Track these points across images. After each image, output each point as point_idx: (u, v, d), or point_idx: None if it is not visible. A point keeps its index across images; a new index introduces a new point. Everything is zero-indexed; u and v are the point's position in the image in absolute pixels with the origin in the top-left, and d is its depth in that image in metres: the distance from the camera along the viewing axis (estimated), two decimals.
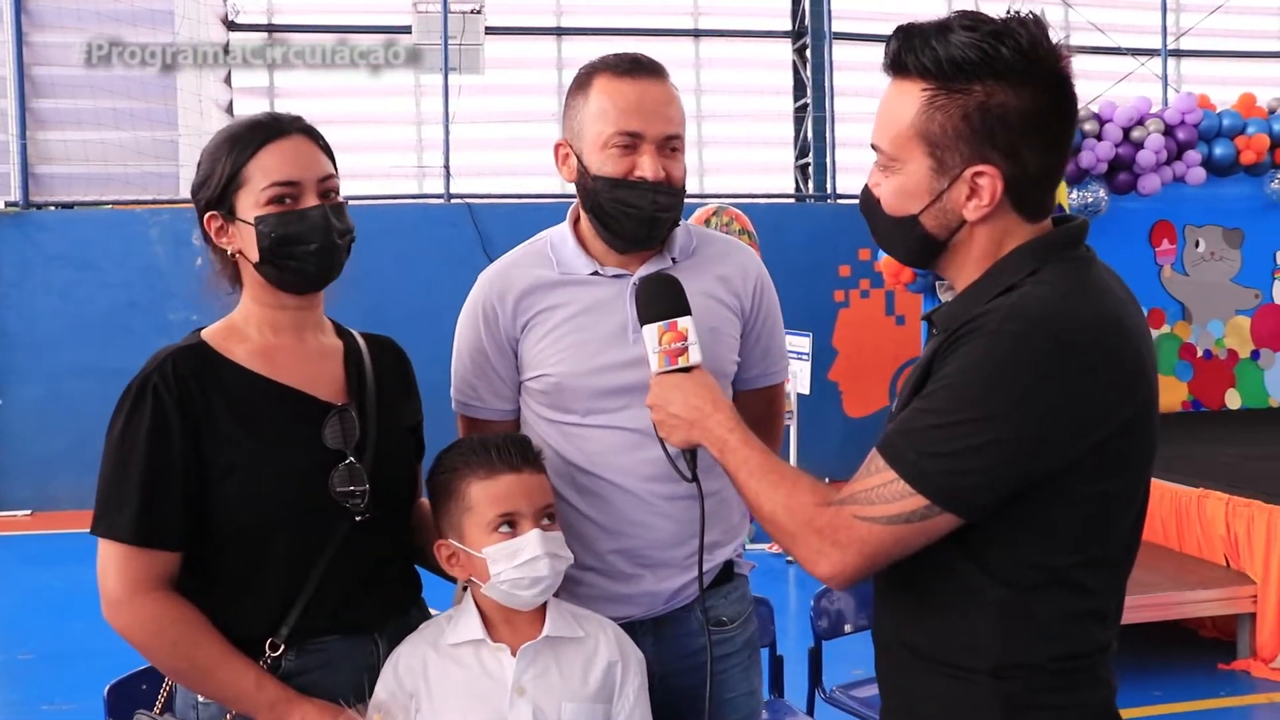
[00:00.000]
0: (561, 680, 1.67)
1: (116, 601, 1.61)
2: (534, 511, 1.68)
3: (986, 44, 1.30)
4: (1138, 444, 1.35)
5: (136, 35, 8.27)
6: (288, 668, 1.65)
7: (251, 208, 1.66)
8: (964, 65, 1.31)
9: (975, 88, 1.31)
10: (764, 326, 2.00)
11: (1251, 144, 7.35)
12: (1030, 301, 1.30)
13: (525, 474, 1.70)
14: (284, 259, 1.67)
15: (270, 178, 1.66)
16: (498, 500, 1.67)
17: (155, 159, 8.52)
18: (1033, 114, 1.32)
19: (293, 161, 1.68)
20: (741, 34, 10.30)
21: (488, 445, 1.73)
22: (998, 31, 1.31)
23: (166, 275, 8.29)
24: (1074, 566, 1.35)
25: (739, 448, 1.49)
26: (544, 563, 1.64)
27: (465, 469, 1.71)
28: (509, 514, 1.66)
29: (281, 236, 1.66)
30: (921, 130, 1.35)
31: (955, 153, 1.34)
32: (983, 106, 1.31)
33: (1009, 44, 1.30)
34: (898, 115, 1.38)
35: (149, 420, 1.60)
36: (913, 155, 1.37)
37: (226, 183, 1.67)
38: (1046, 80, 1.32)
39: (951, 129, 1.33)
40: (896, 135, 1.38)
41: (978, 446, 1.27)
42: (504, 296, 1.90)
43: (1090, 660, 1.39)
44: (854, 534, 1.34)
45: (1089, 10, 9.83)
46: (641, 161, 1.79)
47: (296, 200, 1.67)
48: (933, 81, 1.34)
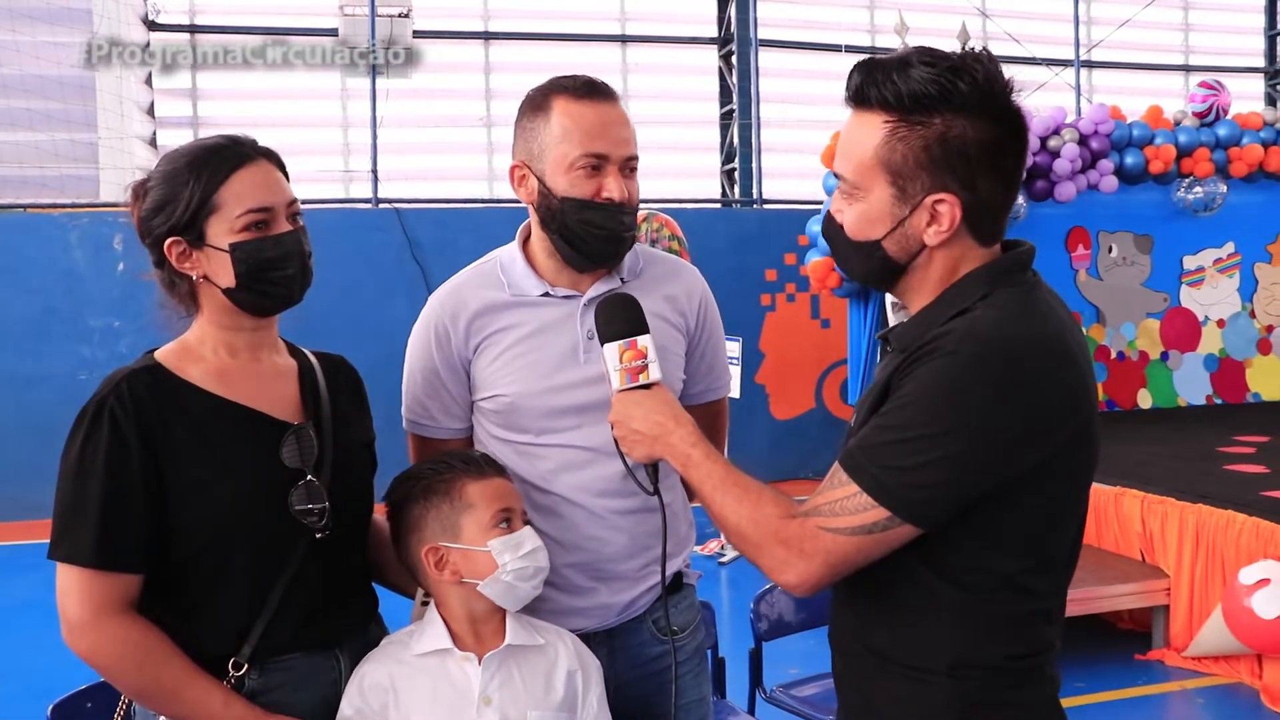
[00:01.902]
0: (525, 689, 1.71)
1: (79, 626, 1.60)
2: (521, 510, 1.79)
3: (945, 79, 1.37)
4: (1081, 455, 1.44)
5: (53, 34, 8.07)
6: (251, 686, 1.65)
7: (225, 234, 1.67)
8: (924, 99, 1.38)
9: (935, 120, 1.38)
10: (708, 344, 2.06)
11: (1160, 154, 7.65)
12: (982, 325, 1.38)
13: (507, 479, 1.82)
14: (262, 284, 1.69)
15: (245, 204, 1.67)
16: (497, 497, 1.75)
17: (74, 161, 8.29)
18: (989, 145, 1.39)
19: (264, 187, 1.69)
20: (668, 40, 10.36)
21: (468, 455, 1.81)
22: (955, 67, 1.38)
23: (86, 281, 8.10)
24: (1022, 571, 1.43)
25: (703, 462, 1.54)
26: (543, 554, 1.74)
27: (456, 472, 1.76)
28: (507, 510, 1.74)
29: (259, 262, 1.67)
30: (884, 160, 1.42)
31: (916, 181, 1.41)
32: (942, 138, 1.38)
33: (966, 79, 1.37)
34: (861, 145, 1.44)
35: (107, 443, 1.59)
36: (875, 183, 1.44)
37: (197, 208, 1.66)
38: (1001, 113, 1.40)
39: (913, 159, 1.40)
40: (860, 164, 1.44)
41: (935, 460, 1.34)
42: (456, 317, 1.92)
43: (1039, 659, 1.47)
44: (819, 544, 1.40)
45: (1005, 21, 10.12)
46: (607, 183, 1.83)
47: (269, 226, 1.69)
48: (894, 114, 1.40)
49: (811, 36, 10.59)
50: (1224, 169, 7.96)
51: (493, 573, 1.69)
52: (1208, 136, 7.90)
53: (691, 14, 10.52)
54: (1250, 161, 7.97)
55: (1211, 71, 10.74)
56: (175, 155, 1.72)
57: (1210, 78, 8.48)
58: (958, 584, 1.42)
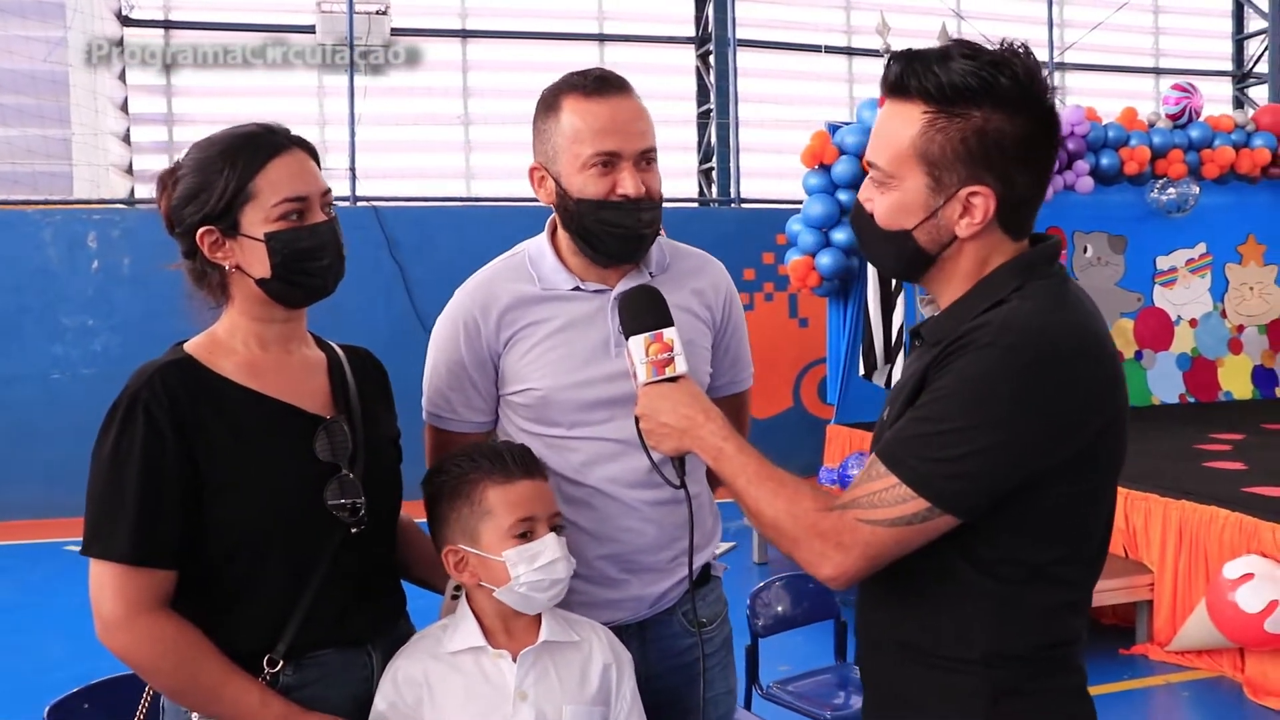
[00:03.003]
0: (561, 684, 1.70)
1: (115, 623, 1.57)
2: (548, 517, 1.73)
3: (986, 72, 1.38)
4: (1113, 445, 1.46)
5: (25, 29, 7.96)
6: (285, 683, 1.63)
7: (260, 224, 1.64)
8: (965, 91, 1.39)
9: (974, 113, 1.39)
10: (733, 338, 2.07)
11: (1134, 155, 7.76)
12: (1019, 316, 1.39)
13: (538, 481, 1.75)
14: (297, 274, 1.66)
15: (281, 193, 1.64)
16: (518, 505, 1.70)
17: (47, 158, 8.19)
18: (1025, 140, 1.41)
19: (299, 176, 1.67)
20: (646, 39, 10.40)
21: (500, 452, 1.76)
22: (996, 61, 1.39)
23: (59, 278, 8.00)
24: (1055, 561, 1.44)
25: (735, 455, 1.54)
26: (562, 565, 1.69)
27: (480, 474, 1.73)
28: (528, 518, 1.70)
29: (295, 252, 1.65)
30: (921, 150, 1.42)
31: (952, 173, 1.42)
32: (981, 131, 1.40)
33: (1007, 74, 1.39)
34: (897, 135, 1.44)
35: (142, 436, 1.56)
36: (910, 173, 1.44)
37: (232, 196, 1.63)
38: (1038, 109, 1.42)
39: (950, 150, 1.41)
40: (895, 153, 1.45)
41: (975, 451, 1.35)
42: (487, 310, 1.90)
43: (1069, 649, 1.49)
44: (858, 537, 1.40)
45: (980, 23, 10.20)
46: (622, 179, 1.81)
47: (304, 216, 1.67)
48: (934, 105, 1.41)
49: (789, 36, 10.65)
50: (1196, 170, 8.09)
51: (508, 582, 1.68)
52: (1181, 138, 8.02)
53: (669, 13, 10.55)
54: (1221, 163, 8.10)
55: (1181, 74, 10.90)
56: (208, 143, 1.68)
57: (1183, 80, 8.60)
58: (992, 575, 1.43)
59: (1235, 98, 12.44)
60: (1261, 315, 8.91)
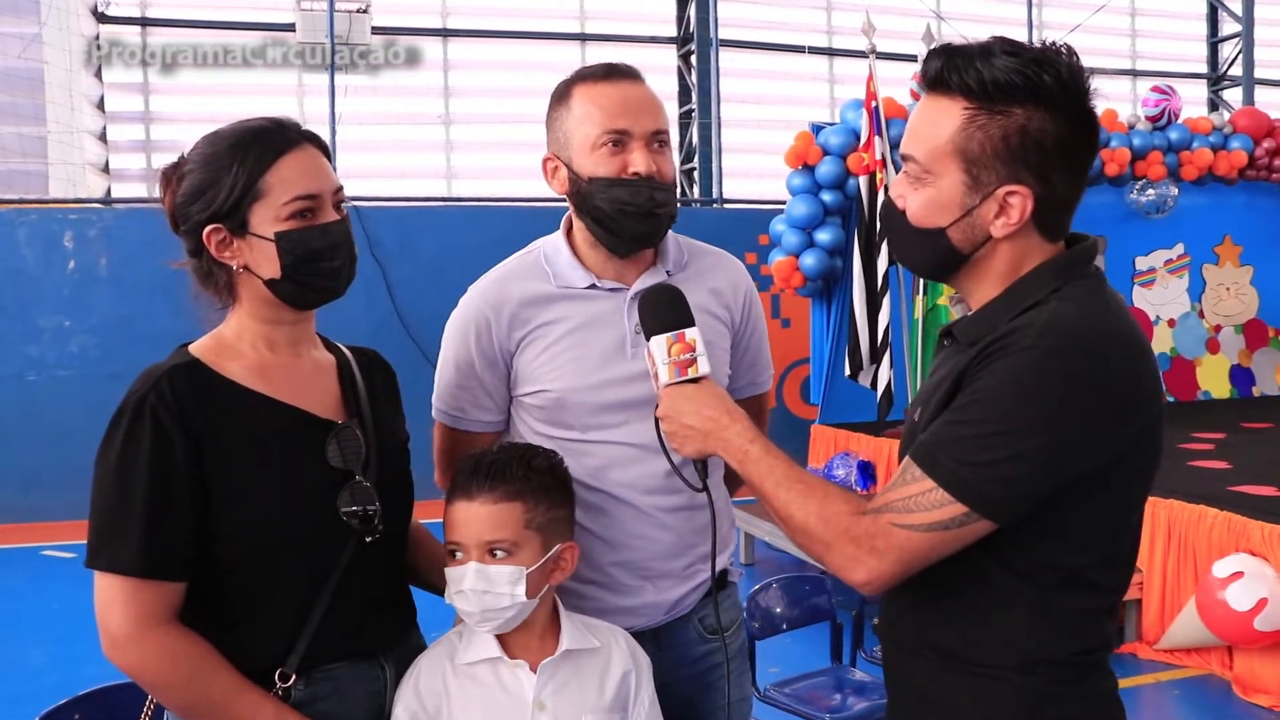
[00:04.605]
0: (580, 692, 1.66)
1: (124, 639, 1.49)
2: (476, 543, 1.62)
3: (1030, 70, 1.35)
4: (1150, 449, 1.44)
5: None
6: (297, 698, 1.57)
7: (270, 223, 1.57)
8: (1008, 88, 1.36)
9: (1016, 111, 1.37)
10: (752, 338, 2.02)
11: (1114, 156, 7.82)
12: (1060, 318, 1.36)
13: (476, 503, 1.64)
14: (307, 276, 1.60)
15: (292, 191, 1.57)
16: (449, 526, 1.67)
17: (22, 156, 8.07)
18: (1066, 140, 1.38)
19: (311, 174, 1.60)
20: (628, 39, 10.37)
21: (471, 466, 1.69)
22: (1039, 60, 1.36)
23: (35, 279, 7.88)
24: (1090, 566, 1.42)
25: (762, 458, 1.50)
26: (470, 598, 1.61)
27: (454, 486, 1.69)
28: (454, 543, 1.65)
29: (307, 252, 1.59)
30: (960, 147, 1.39)
31: (991, 171, 1.39)
32: (1022, 130, 1.37)
33: (1050, 72, 1.36)
34: (935, 130, 1.41)
35: (149, 443, 1.49)
36: (948, 170, 1.41)
37: (241, 193, 1.56)
38: (1080, 110, 1.39)
39: (990, 148, 1.38)
40: (933, 149, 1.42)
41: (1016, 455, 1.32)
42: (499, 309, 1.86)
43: (1102, 654, 1.47)
44: (892, 541, 1.37)
45: (960, 24, 10.24)
46: (633, 158, 1.78)
47: (315, 215, 1.60)
48: (975, 101, 1.38)
49: (771, 37, 10.66)
50: (1175, 172, 8.16)
51: None
52: (1160, 140, 8.10)
53: (651, 13, 10.55)
54: (1200, 165, 8.19)
55: (1157, 77, 11.00)
56: (216, 137, 1.60)
57: (1162, 83, 8.67)
58: (1028, 579, 1.41)
59: (1210, 100, 12.56)
60: (1238, 315, 9.00)
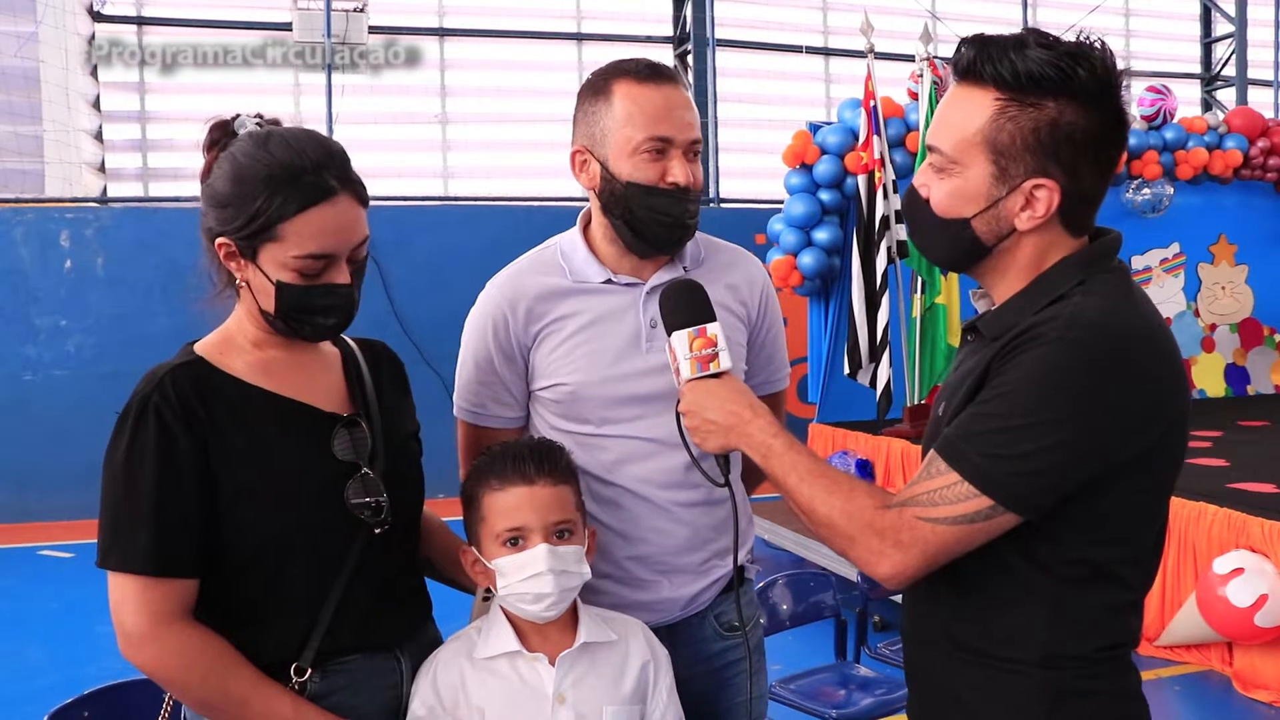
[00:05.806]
0: (600, 684, 1.67)
1: (139, 637, 1.50)
2: (543, 526, 1.64)
3: (1064, 63, 1.35)
4: (1176, 444, 1.43)
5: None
6: (312, 691, 1.58)
7: (276, 267, 1.56)
8: (1041, 81, 1.35)
9: (1048, 103, 1.36)
10: (769, 335, 2.02)
11: None
12: (1086, 311, 1.35)
13: (538, 486, 1.66)
14: (298, 324, 1.61)
15: (305, 248, 1.55)
16: (506, 513, 1.65)
17: (18, 155, 8.04)
18: (1096, 135, 1.38)
19: (332, 233, 1.57)
20: (624, 39, 10.36)
21: (507, 454, 1.70)
22: (1073, 53, 1.36)
23: (31, 279, 7.87)
24: (1115, 561, 1.41)
25: (785, 453, 1.50)
26: (548, 579, 1.61)
27: (481, 477, 1.69)
28: (516, 528, 1.64)
29: (301, 306, 1.58)
30: (989, 137, 1.39)
31: (1019, 163, 1.38)
32: (1054, 123, 1.36)
33: (1085, 66, 1.35)
34: (965, 120, 1.41)
35: (155, 442, 1.50)
36: (975, 160, 1.41)
37: (257, 230, 1.55)
38: (1112, 105, 1.39)
39: (1020, 140, 1.37)
40: (961, 139, 1.41)
41: (1042, 449, 1.32)
42: (515, 304, 1.87)
43: (1126, 650, 1.47)
44: (917, 535, 1.37)
45: (955, 25, 10.27)
46: (672, 168, 1.78)
47: (323, 274, 1.58)
48: (1007, 92, 1.37)
49: (767, 36, 10.66)
50: (1171, 171, 8.19)
51: (499, 590, 1.65)
52: (1156, 140, 8.13)
53: (647, 12, 10.54)
54: (1195, 164, 8.23)
55: (1151, 77, 11.02)
56: (262, 152, 1.56)
57: (1157, 83, 8.70)
58: (1052, 574, 1.40)
59: (1204, 100, 12.61)
60: (1232, 314, 9.04)
